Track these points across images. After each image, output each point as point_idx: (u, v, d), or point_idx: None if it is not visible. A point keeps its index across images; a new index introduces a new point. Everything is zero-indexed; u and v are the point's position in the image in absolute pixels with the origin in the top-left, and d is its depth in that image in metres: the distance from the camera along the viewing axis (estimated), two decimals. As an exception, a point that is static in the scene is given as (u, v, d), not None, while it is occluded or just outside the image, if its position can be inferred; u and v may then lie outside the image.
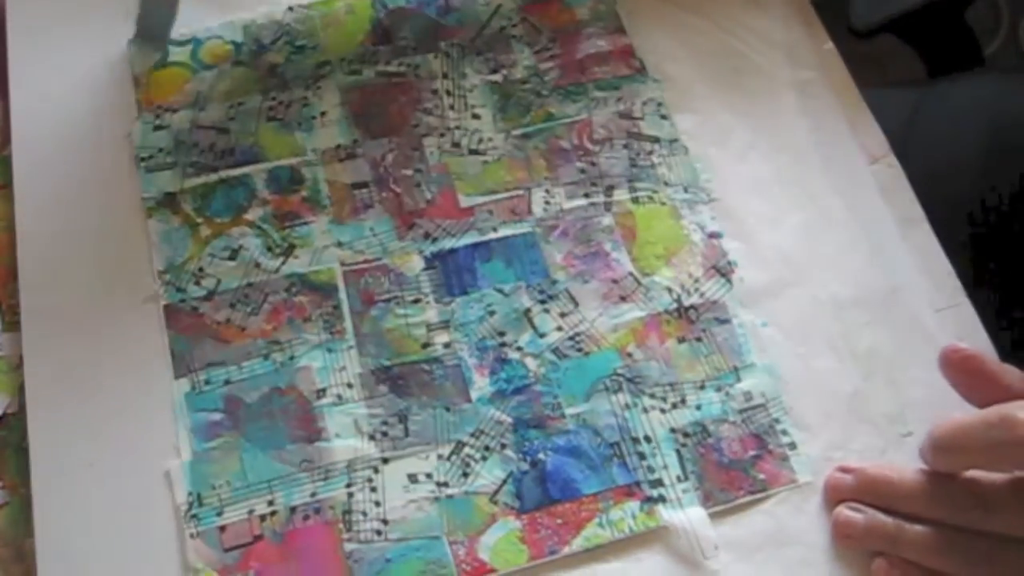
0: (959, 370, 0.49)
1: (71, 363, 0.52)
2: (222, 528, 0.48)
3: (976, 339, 0.54)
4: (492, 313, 0.54)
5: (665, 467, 0.50)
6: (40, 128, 0.58)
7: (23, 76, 0.60)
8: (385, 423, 0.51)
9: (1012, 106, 0.74)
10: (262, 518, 0.49)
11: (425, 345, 0.53)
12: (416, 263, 0.55)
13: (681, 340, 0.54)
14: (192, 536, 0.48)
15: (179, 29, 0.61)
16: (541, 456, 0.50)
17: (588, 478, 0.50)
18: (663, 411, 0.52)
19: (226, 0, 0.62)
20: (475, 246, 0.56)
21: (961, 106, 0.78)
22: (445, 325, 0.53)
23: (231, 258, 0.55)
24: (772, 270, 0.56)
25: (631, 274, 0.55)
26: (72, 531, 0.48)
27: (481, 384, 0.52)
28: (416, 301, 0.54)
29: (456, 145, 0.58)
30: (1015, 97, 0.75)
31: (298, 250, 0.55)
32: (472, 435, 0.51)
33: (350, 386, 0.52)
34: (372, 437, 0.50)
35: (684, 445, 0.51)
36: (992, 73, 0.87)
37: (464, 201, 0.57)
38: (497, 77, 0.61)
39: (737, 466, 0.51)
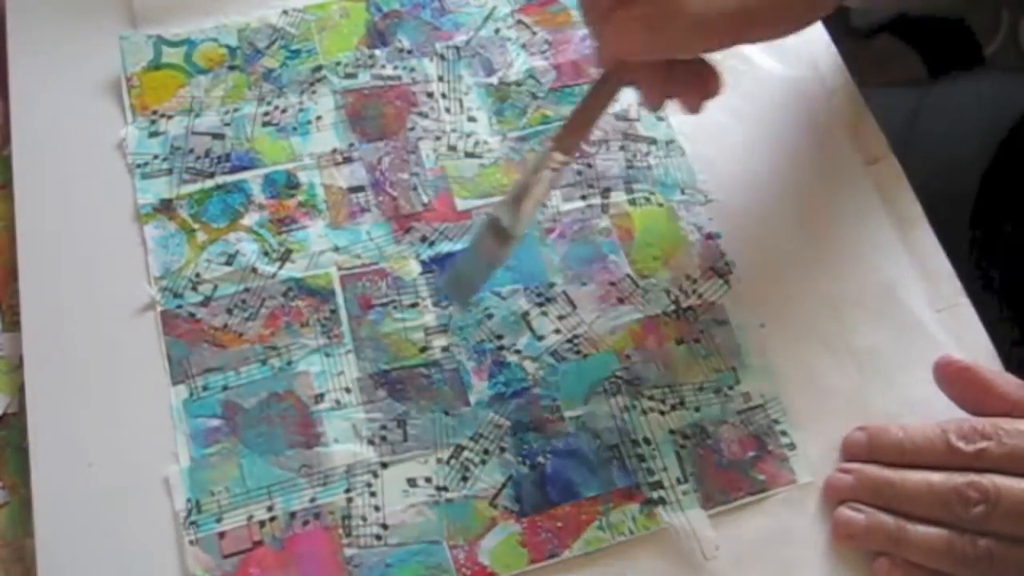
0: (954, 382, 0.49)
1: (71, 363, 0.52)
2: (221, 534, 0.48)
3: (976, 339, 0.53)
4: (490, 316, 0.54)
5: (665, 469, 0.50)
6: (40, 129, 0.58)
7: (23, 77, 0.60)
8: (384, 427, 0.51)
9: (1012, 106, 0.74)
10: (261, 524, 0.48)
11: (423, 349, 0.53)
12: (413, 267, 0.55)
13: (679, 342, 0.53)
14: (191, 543, 0.48)
15: (172, 30, 0.61)
16: (540, 459, 0.50)
17: (588, 481, 0.50)
18: (662, 413, 0.51)
19: (220, 3, 0.62)
20: (472, 249, 0.55)
21: (961, 106, 0.77)
22: (443, 329, 0.53)
23: (228, 263, 0.54)
24: (770, 270, 0.55)
25: (629, 276, 0.55)
26: (72, 531, 0.48)
27: (480, 387, 0.52)
28: (414, 305, 0.54)
29: (452, 148, 0.58)
30: (1015, 97, 0.75)
31: (295, 255, 0.55)
32: (471, 439, 0.51)
33: (348, 391, 0.51)
34: (371, 442, 0.50)
35: (683, 447, 0.51)
36: (992, 73, 0.87)
37: (461, 204, 0.57)
38: (493, 80, 0.61)
39: (737, 467, 0.50)
